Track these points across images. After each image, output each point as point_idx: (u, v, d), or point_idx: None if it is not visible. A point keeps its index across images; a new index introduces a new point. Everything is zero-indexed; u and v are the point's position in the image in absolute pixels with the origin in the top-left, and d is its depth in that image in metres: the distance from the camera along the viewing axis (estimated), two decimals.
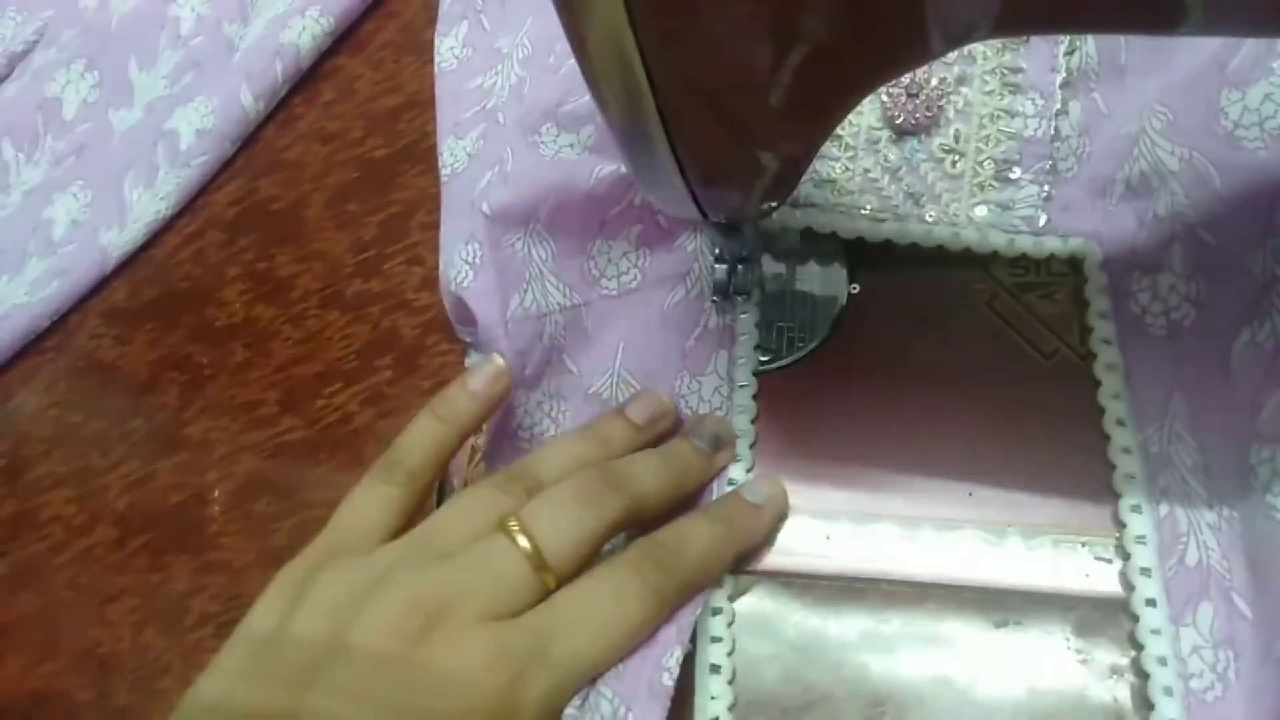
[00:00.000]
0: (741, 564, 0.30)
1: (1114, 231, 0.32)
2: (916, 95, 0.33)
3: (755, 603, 0.30)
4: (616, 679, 0.26)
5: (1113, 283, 0.32)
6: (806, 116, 0.22)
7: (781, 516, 0.31)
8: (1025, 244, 0.33)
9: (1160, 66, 0.31)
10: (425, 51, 0.42)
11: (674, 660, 0.27)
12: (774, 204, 0.31)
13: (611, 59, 0.20)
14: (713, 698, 0.28)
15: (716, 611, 0.29)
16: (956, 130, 0.33)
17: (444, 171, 0.36)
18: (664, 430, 0.32)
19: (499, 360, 0.31)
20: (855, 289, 0.34)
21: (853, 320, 0.33)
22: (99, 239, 0.40)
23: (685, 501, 0.30)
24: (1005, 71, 0.33)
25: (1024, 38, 0.33)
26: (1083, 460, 0.30)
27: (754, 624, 0.30)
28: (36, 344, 0.40)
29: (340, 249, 0.39)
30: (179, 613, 0.34)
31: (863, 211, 0.33)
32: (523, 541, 0.26)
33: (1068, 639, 0.28)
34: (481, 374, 0.31)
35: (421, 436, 0.30)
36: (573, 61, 0.21)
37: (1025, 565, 0.29)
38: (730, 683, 0.29)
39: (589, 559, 0.27)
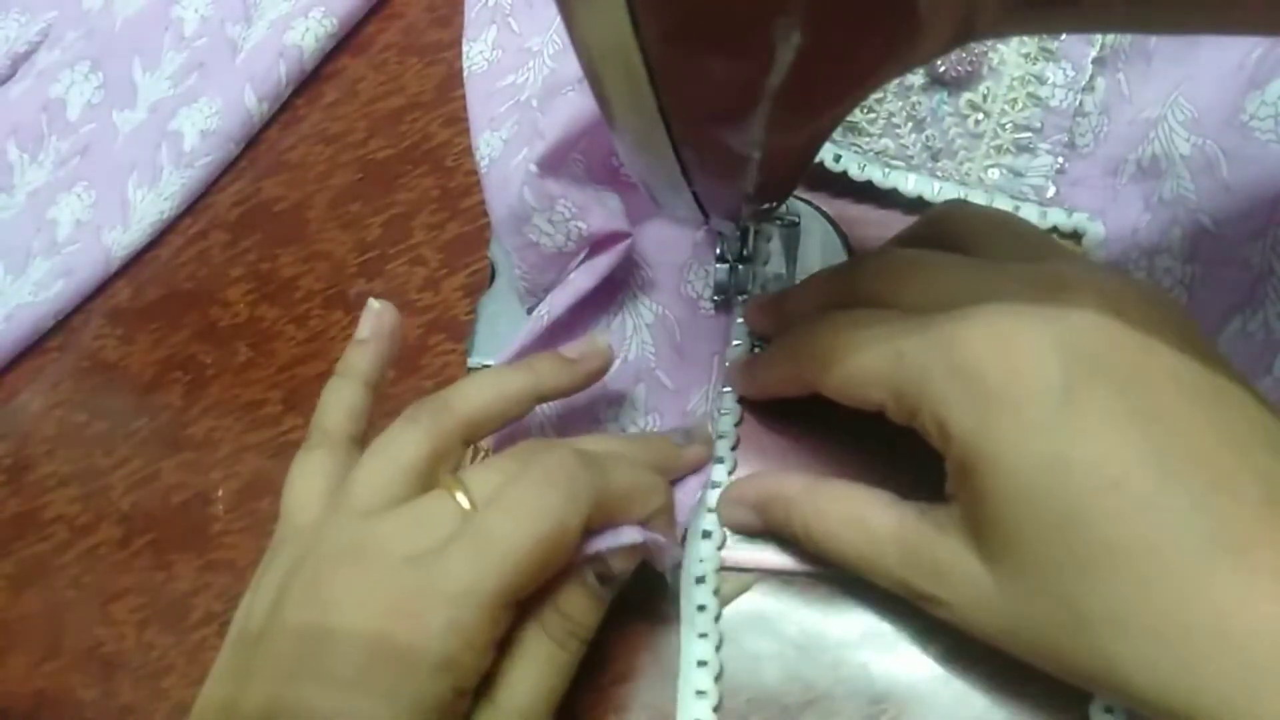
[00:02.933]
0: (741, 564, 0.30)
1: (1119, 211, 0.32)
2: (967, 47, 0.33)
3: (755, 601, 0.30)
4: None
5: (1110, 260, 0.32)
6: (808, 115, 0.23)
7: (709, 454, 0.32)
8: (1030, 213, 0.33)
9: (1187, 57, 0.31)
10: (428, 53, 0.42)
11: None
12: (775, 204, 0.32)
13: (613, 58, 0.20)
14: (699, 692, 0.28)
15: (701, 609, 0.29)
16: (987, 88, 0.33)
17: (482, 164, 0.35)
18: (594, 369, 0.31)
19: (375, 303, 0.32)
20: None
21: None
22: (103, 239, 0.41)
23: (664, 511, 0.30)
24: (1044, 35, 0.33)
25: None
26: None
27: (754, 622, 0.30)
28: (40, 344, 0.40)
29: (343, 249, 0.39)
30: (183, 611, 0.34)
31: (877, 155, 0.34)
32: (461, 498, 0.26)
33: None
34: (364, 320, 0.32)
35: (327, 396, 0.31)
36: None
37: None
38: (717, 679, 0.29)
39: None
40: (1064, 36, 0.33)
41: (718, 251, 0.34)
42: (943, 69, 0.33)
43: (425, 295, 0.38)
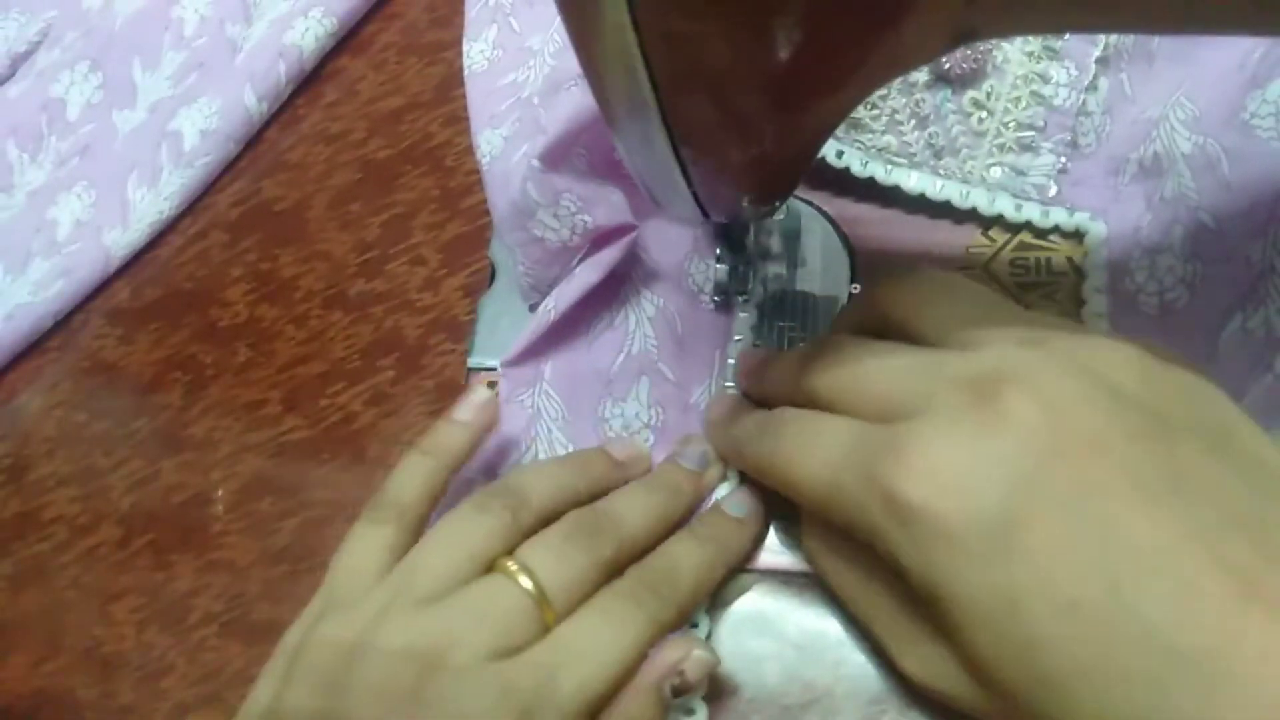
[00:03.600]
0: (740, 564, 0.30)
1: (1121, 210, 0.32)
2: (971, 44, 0.33)
3: (755, 601, 0.30)
4: None
5: (1112, 259, 0.32)
6: (807, 115, 0.23)
7: (762, 530, 0.31)
8: (1032, 212, 0.33)
9: (1189, 58, 0.31)
10: (427, 53, 0.42)
11: None
12: (775, 203, 0.32)
13: (615, 59, 0.20)
14: (688, 711, 0.28)
15: (693, 626, 0.30)
16: (991, 86, 0.33)
17: (483, 161, 0.35)
18: (639, 473, 0.32)
19: (485, 389, 0.31)
20: (856, 289, 0.34)
21: None
22: (102, 239, 0.41)
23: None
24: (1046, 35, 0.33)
25: None
26: None
27: (753, 622, 0.30)
28: (40, 344, 0.40)
29: (343, 249, 0.39)
30: (182, 612, 0.34)
31: (880, 152, 0.34)
32: (525, 581, 0.26)
33: None
34: (467, 403, 0.31)
35: (408, 471, 0.30)
36: None
37: None
38: (705, 699, 0.29)
39: (587, 596, 0.27)
40: (1067, 36, 0.33)
41: (718, 251, 0.34)
42: (948, 66, 0.33)
43: (425, 295, 0.38)
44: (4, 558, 0.37)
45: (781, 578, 0.30)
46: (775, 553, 0.31)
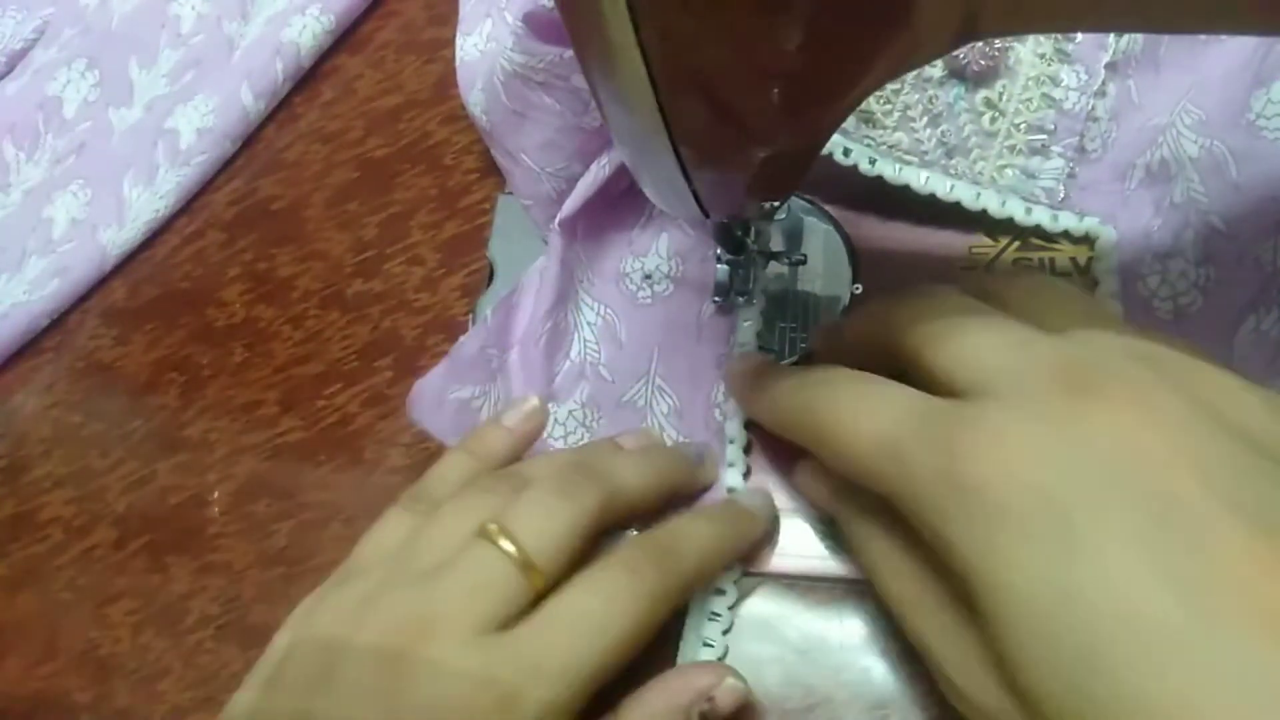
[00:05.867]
0: (744, 565, 0.30)
1: (1130, 215, 0.32)
2: (988, 40, 0.32)
3: (757, 605, 0.30)
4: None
5: (1123, 265, 0.32)
6: (809, 115, 0.22)
7: (773, 530, 0.30)
8: (1042, 215, 0.33)
9: (1195, 66, 0.31)
10: (426, 51, 0.42)
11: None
12: (775, 203, 0.31)
13: (613, 57, 0.20)
14: None
15: (715, 617, 0.29)
16: (1003, 86, 0.33)
17: (475, 111, 0.36)
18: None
19: (535, 399, 0.31)
20: (858, 289, 0.34)
21: None
22: (98, 237, 0.40)
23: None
24: (1059, 37, 0.33)
25: None
26: None
27: (756, 626, 0.30)
28: (36, 344, 0.40)
29: (340, 249, 0.39)
30: (178, 614, 0.34)
31: (890, 149, 0.33)
32: (505, 544, 0.25)
33: None
34: (517, 411, 0.31)
35: (449, 467, 0.29)
36: None
37: None
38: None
39: (576, 555, 0.26)
40: (1079, 39, 0.33)
41: (718, 251, 0.33)
42: (965, 61, 0.33)
43: (423, 295, 0.37)
44: (0, 559, 0.37)
45: (784, 581, 0.30)
46: (777, 556, 0.30)
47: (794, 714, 0.29)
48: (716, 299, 0.33)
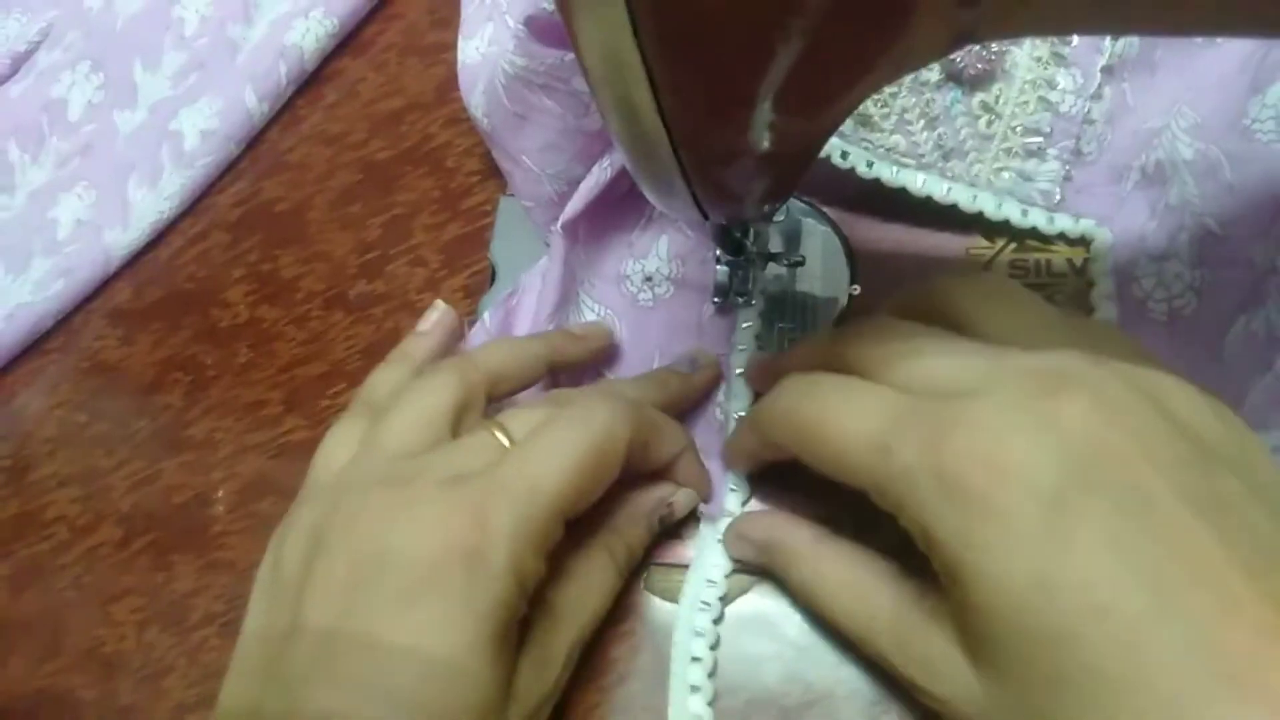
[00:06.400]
0: (744, 565, 0.30)
1: (1125, 218, 0.32)
2: (985, 44, 0.33)
3: (756, 601, 0.30)
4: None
5: (1118, 266, 0.32)
6: (807, 117, 0.23)
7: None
8: (1038, 218, 0.33)
9: (1190, 69, 0.32)
10: (428, 54, 0.42)
11: None
12: (774, 205, 0.32)
13: (612, 60, 0.20)
14: (693, 688, 0.29)
15: (705, 606, 0.30)
16: (999, 89, 0.33)
17: (477, 115, 0.37)
18: (599, 347, 0.34)
19: (441, 304, 0.34)
20: (856, 290, 0.34)
21: None
22: (103, 239, 0.41)
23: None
24: (1055, 41, 0.33)
25: None
26: None
27: (754, 623, 0.30)
28: (41, 344, 0.40)
29: (344, 250, 0.39)
30: (183, 612, 0.34)
31: (888, 152, 0.34)
32: (498, 433, 0.27)
33: None
34: (428, 314, 0.34)
35: (378, 377, 0.32)
36: None
37: None
38: (711, 675, 0.29)
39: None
40: (1074, 43, 0.33)
41: (718, 252, 0.34)
42: (962, 65, 0.33)
43: (425, 296, 0.38)
44: (5, 558, 0.37)
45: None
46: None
47: (793, 710, 0.29)
48: (716, 300, 0.34)
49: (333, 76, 0.43)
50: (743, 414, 0.32)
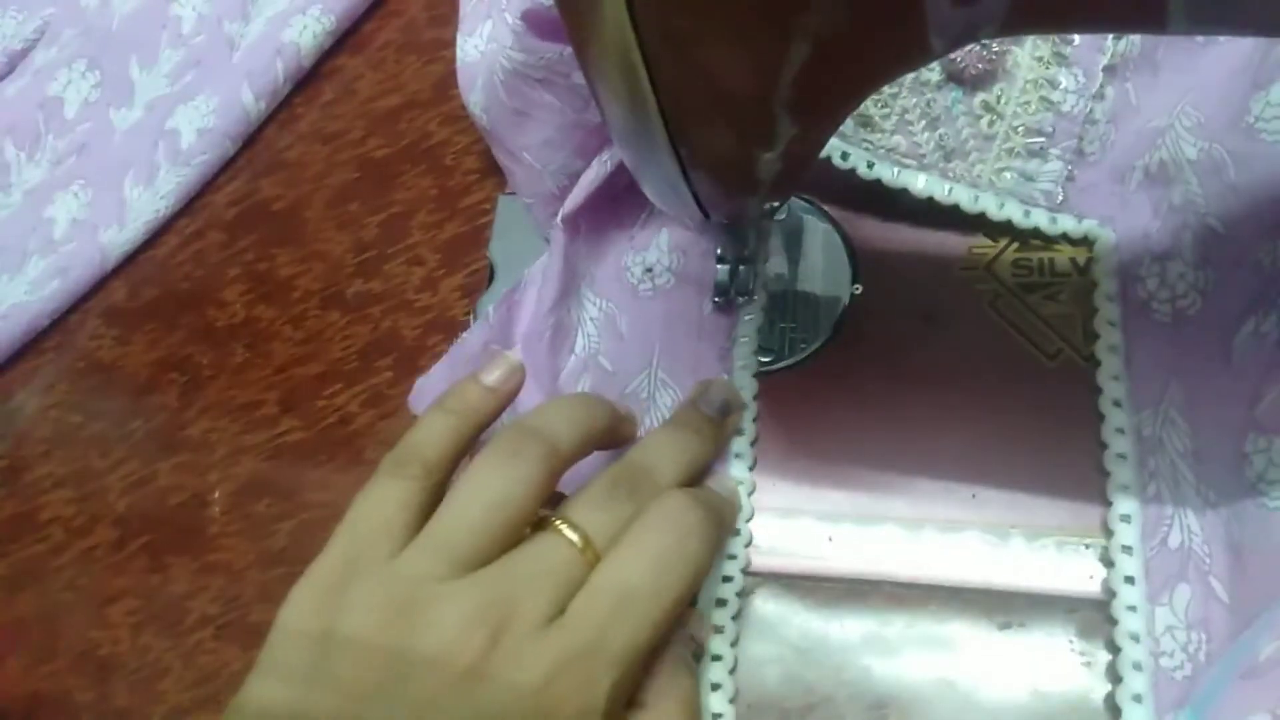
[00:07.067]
0: (745, 567, 0.30)
1: (1129, 217, 0.32)
2: (986, 44, 0.32)
3: (757, 605, 0.30)
4: None
5: (1122, 267, 0.32)
6: (809, 116, 0.22)
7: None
8: (1041, 218, 0.33)
9: (1193, 67, 0.31)
10: (427, 51, 0.42)
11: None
12: (775, 204, 0.31)
13: (614, 58, 0.20)
14: (714, 685, 0.28)
15: (722, 603, 0.29)
16: (1001, 89, 0.33)
17: (476, 112, 0.36)
18: (632, 432, 0.32)
19: (513, 357, 0.30)
20: (858, 289, 0.34)
21: (855, 321, 0.33)
22: (99, 238, 0.40)
23: None
24: (1058, 40, 0.33)
25: None
26: (1087, 461, 0.30)
27: (756, 626, 0.30)
28: (36, 344, 0.40)
29: (341, 249, 0.39)
30: (179, 614, 0.34)
31: (888, 152, 0.33)
32: (571, 534, 0.26)
33: (1071, 641, 0.28)
34: (495, 368, 0.30)
35: (434, 430, 0.28)
36: None
37: (1029, 567, 0.29)
38: (732, 672, 0.29)
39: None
40: (1076, 42, 0.33)
41: (718, 252, 0.33)
42: (963, 65, 0.33)
43: (423, 295, 0.38)
44: (0, 559, 0.37)
45: (784, 581, 0.30)
46: (778, 555, 0.30)
47: (794, 713, 0.29)
48: (717, 299, 0.34)
49: (330, 74, 0.43)
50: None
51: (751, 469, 0.31)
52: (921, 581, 0.29)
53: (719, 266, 0.33)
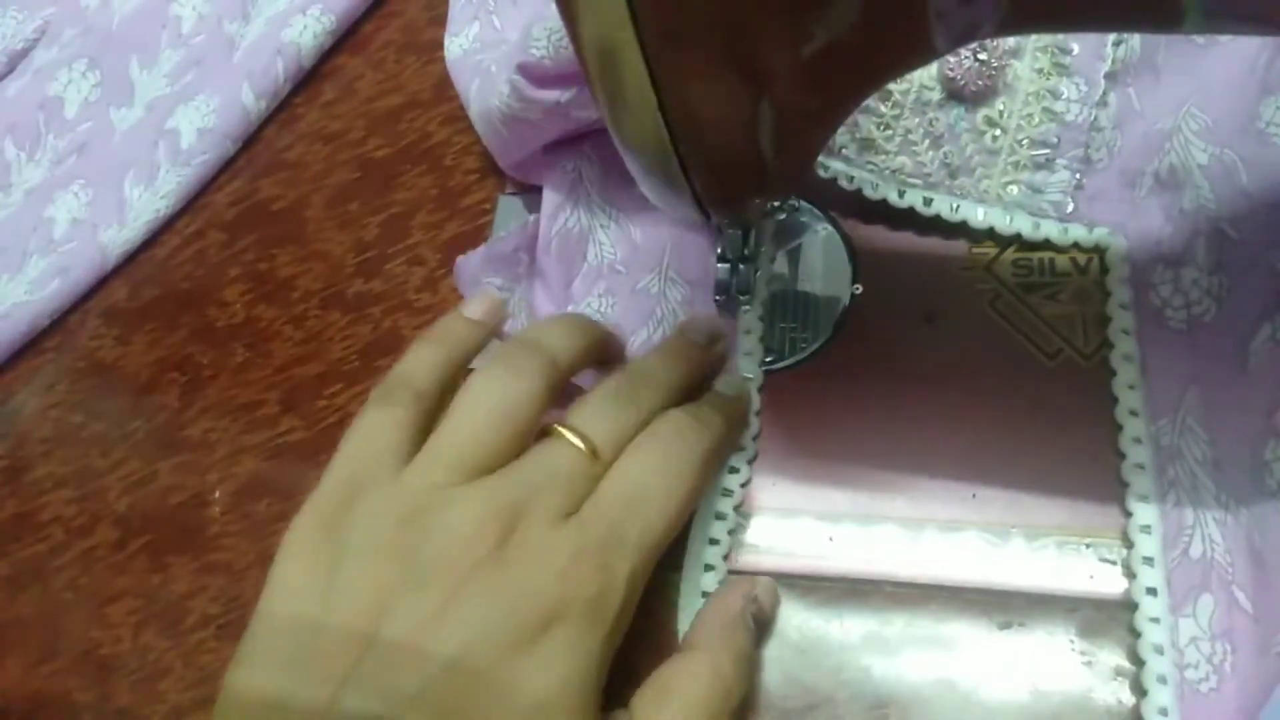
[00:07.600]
0: (742, 568, 0.30)
1: (1139, 224, 0.32)
2: (984, 61, 0.32)
3: None
4: None
5: (1134, 274, 0.32)
6: (810, 116, 0.22)
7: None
8: (1051, 230, 0.33)
9: (1194, 69, 0.31)
10: (427, 51, 0.42)
11: None
12: (776, 204, 0.31)
13: (613, 57, 0.20)
14: (707, 566, 0.30)
15: (721, 516, 0.30)
16: (1003, 104, 0.33)
17: (472, 109, 0.37)
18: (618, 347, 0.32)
19: (494, 292, 0.32)
20: (858, 289, 0.34)
21: (856, 321, 0.33)
22: (99, 238, 0.40)
23: None
24: (1056, 51, 0.33)
25: None
26: (1087, 461, 0.30)
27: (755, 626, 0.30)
28: (37, 344, 0.40)
29: (341, 249, 0.39)
30: (179, 614, 0.34)
31: (894, 173, 0.33)
32: (576, 440, 0.27)
33: (1071, 641, 0.28)
34: (477, 303, 0.31)
35: (422, 359, 0.29)
36: None
37: (1029, 567, 0.29)
38: (725, 558, 0.30)
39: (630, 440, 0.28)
40: (1076, 51, 0.33)
41: (719, 251, 0.33)
42: (962, 83, 0.33)
43: (423, 295, 0.38)
44: (0, 559, 0.37)
45: (784, 581, 0.30)
46: (778, 555, 0.30)
47: (794, 714, 0.29)
48: (717, 299, 0.34)
49: (331, 74, 0.43)
50: None
51: (751, 462, 0.31)
52: (921, 581, 0.29)
53: (719, 266, 0.33)
